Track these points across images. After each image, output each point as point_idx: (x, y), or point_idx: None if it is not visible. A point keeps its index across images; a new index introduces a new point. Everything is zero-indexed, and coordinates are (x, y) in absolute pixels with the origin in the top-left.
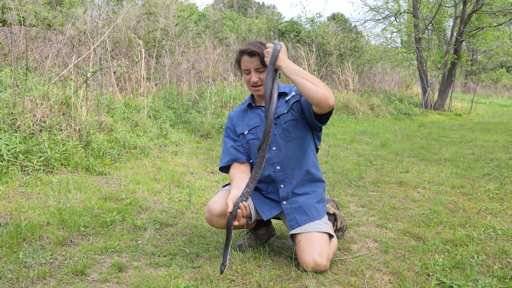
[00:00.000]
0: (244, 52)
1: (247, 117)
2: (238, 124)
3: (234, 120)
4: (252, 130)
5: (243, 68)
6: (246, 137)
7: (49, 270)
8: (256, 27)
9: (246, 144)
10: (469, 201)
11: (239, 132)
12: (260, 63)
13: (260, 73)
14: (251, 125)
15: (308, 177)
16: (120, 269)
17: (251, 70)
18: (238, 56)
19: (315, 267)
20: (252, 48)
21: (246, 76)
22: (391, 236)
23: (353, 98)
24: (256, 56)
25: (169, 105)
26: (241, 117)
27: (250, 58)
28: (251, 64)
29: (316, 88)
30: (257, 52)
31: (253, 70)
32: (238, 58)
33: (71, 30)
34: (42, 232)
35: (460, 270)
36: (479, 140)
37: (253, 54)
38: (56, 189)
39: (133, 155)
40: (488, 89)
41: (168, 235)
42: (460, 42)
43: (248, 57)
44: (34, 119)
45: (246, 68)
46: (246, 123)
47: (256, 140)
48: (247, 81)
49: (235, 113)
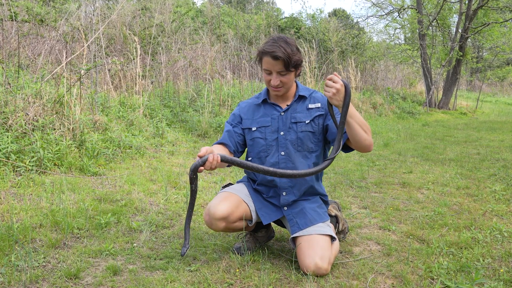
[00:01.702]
0: (268, 54)
1: (258, 112)
2: (248, 117)
3: (244, 111)
4: (261, 128)
5: (264, 67)
6: (253, 134)
7: (42, 274)
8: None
9: (250, 140)
10: (474, 203)
11: (246, 126)
12: (284, 67)
13: (283, 76)
14: (260, 123)
15: (311, 191)
16: (115, 272)
17: (272, 72)
18: (259, 55)
19: (316, 270)
20: (277, 53)
21: (267, 76)
22: (394, 238)
23: (355, 96)
24: (280, 60)
25: (165, 103)
26: (252, 111)
27: (273, 61)
28: (274, 67)
29: (366, 136)
30: (282, 57)
31: (274, 73)
32: (259, 57)
33: (64, 26)
34: (34, 235)
35: (465, 274)
36: (485, 139)
37: (277, 58)
38: (49, 190)
39: (129, 155)
40: (494, 87)
41: (165, 238)
42: (466, 39)
43: (271, 59)
44: (26, 118)
45: (268, 69)
46: (256, 119)
47: (262, 140)
48: (267, 81)
49: (247, 104)
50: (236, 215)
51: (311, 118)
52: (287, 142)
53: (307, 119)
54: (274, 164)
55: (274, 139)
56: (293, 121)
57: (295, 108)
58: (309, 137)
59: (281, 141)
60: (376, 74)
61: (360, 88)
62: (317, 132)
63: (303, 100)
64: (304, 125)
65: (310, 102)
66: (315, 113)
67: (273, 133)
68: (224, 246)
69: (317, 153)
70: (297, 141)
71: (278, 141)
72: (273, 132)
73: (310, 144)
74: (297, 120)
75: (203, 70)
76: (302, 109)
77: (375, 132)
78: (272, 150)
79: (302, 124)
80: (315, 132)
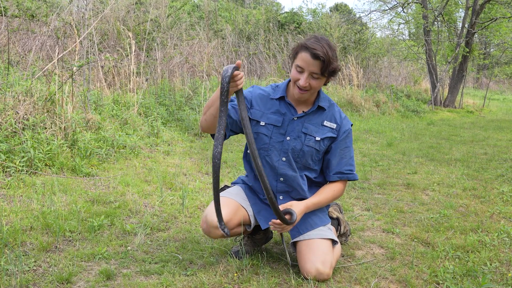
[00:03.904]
0: (307, 49)
1: (272, 107)
2: (259, 108)
3: (257, 99)
4: (270, 126)
5: (297, 64)
6: (260, 128)
7: (33, 278)
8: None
9: (255, 134)
10: (481, 204)
11: (254, 117)
12: (320, 70)
13: (314, 79)
14: (271, 120)
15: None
16: (108, 277)
17: (304, 71)
18: (298, 48)
19: (317, 275)
20: (318, 52)
21: (297, 74)
22: (398, 241)
23: (357, 94)
24: (319, 61)
25: (160, 101)
26: (265, 102)
27: (312, 60)
28: (309, 67)
29: (333, 200)
30: (322, 58)
31: (307, 73)
32: (297, 50)
33: (56, 21)
34: (25, 238)
35: (471, 278)
36: (492, 139)
37: (317, 58)
38: (40, 191)
39: (122, 155)
40: (501, 85)
41: (160, 241)
42: (472, 34)
43: (310, 57)
44: (16, 117)
45: (301, 66)
46: (267, 114)
47: (267, 138)
48: (295, 79)
49: (262, 93)
50: (234, 221)
51: (322, 136)
52: (289, 150)
53: (318, 136)
54: (272, 168)
55: (279, 142)
56: (304, 131)
57: (310, 119)
58: (312, 154)
59: (285, 146)
60: (380, 71)
61: (363, 85)
62: (321, 152)
63: (321, 112)
64: (313, 141)
65: (327, 119)
66: (327, 133)
67: (280, 135)
68: (221, 250)
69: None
70: (299, 153)
71: (282, 145)
72: (281, 134)
73: (309, 160)
74: (308, 133)
75: (200, 67)
76: (317, 122)
77: (378, 131)
78: (273, 152)
79: (311, 138)
80: (320, 151)
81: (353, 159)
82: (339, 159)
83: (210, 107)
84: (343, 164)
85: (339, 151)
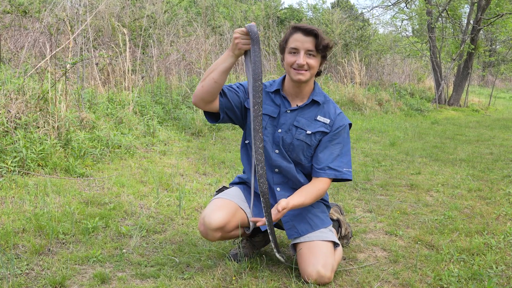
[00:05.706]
0: (298, 29)
1: (267, 98)
2: None
3: None
4: (265, 117)
5: (290, 46)
6: None
7: (25, 282)
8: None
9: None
10: (487, 206)
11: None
12: (314, 46)
13: (310, 57)
14: (266, 110)
15: None
16: (103, 280)
17: (299, 51)
18: (288, 34)
19: (318, 279)
20: (309, 27)
21: (291, 57)
22: (401, 244)
23: (359, 92)
24: (311, 36)
25: (156, 100)
26: None
27: (304, 37)
28: (303, 44)
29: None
30: (314, 31)
31: (302, 51)
32: (287, 36)
33: (49, 17)
34: (17, 240)
35: (477, 282)
36: (498, 138)
37: (309, 33)
38: (32, 192)
39: (117, 155)
40: (508, 83)
41: (156, 243)
42: (478, 31)
43: (302, 35)
44: (8, 116)
45: (295, 47)
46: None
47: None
48: (291, 63)
49: None
50: (232, 224)
51: (314, 130)
52: (280, 142)
53: (309, 130)
54: (267, 159)
55: (271, 134)
56: (295, 124)
57: (303, 113)
58: (303, 149)
59: (276, 139)
60: (382, 68)
61: (365, 83)
62: (313, 147)
63: (315, 106)
64: (304, 134)
65: (321, 114)
66: (319, 128)
67: (273, 127)
68: (219, 253)
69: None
70: (290, 146)
71: (274, 137)
72: (274, 126)
73: (301, 155)
74: (299, 126)
75: (197, 64)
76: (310, 116)
77: (381, 131)
78: (267, 144)
79: (302, 132)
80: (311, 146)
81: (346, 158)
82: (328, 154)
83: (213, 71)
84: (332, 160)
85: (330, 146)
